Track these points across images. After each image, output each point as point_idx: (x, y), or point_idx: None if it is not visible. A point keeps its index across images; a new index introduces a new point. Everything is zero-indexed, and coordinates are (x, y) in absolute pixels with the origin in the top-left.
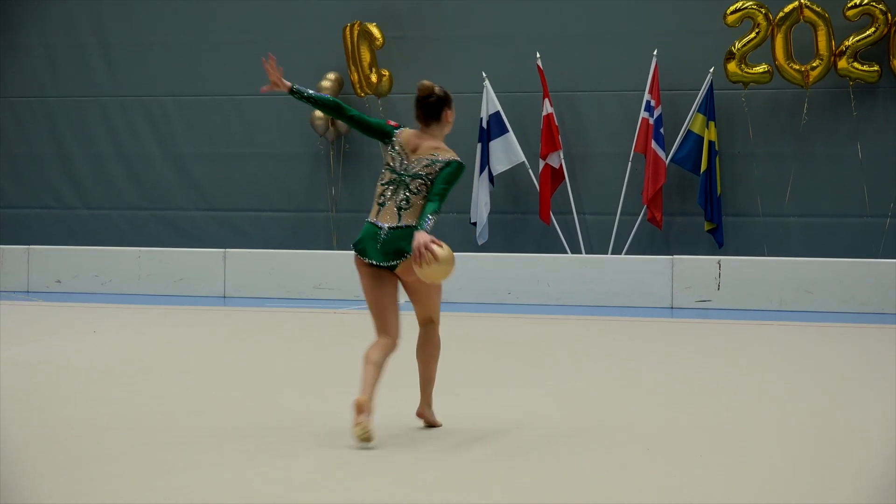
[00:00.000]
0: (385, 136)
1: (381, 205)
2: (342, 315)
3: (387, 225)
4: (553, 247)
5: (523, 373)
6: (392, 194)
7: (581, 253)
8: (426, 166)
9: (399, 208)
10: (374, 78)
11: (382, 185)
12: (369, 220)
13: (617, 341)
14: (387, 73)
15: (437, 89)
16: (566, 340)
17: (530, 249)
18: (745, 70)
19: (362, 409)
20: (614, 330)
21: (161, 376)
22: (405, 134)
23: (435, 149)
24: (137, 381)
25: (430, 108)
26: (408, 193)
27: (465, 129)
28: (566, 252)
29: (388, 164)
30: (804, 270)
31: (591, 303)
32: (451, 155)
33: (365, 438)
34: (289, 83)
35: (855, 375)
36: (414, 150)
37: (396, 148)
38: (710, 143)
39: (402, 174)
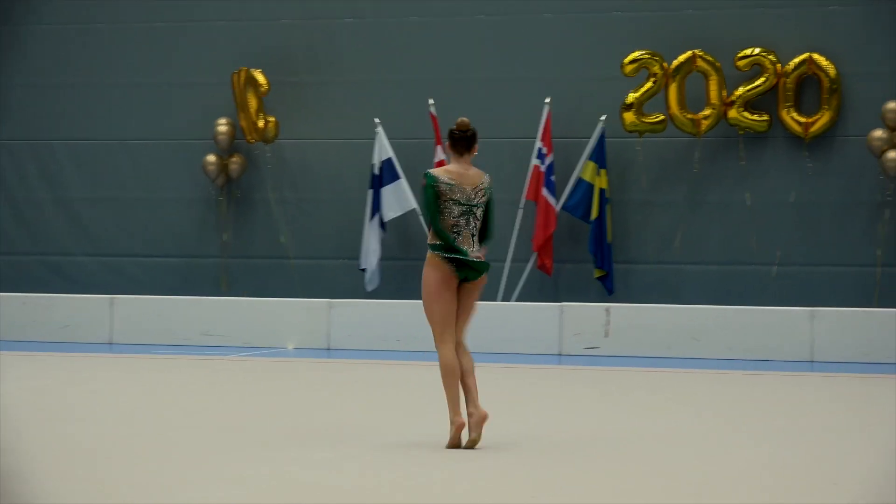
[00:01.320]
0: (435, 191)
1: (457, 234)
2: (230, 362)
3: (469, 249)
4: None
5: (398, 420)
6: (465, 224)
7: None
8: (482, 194)
9: (472, 234)
10: (260, 124)
11: (454, 218)
12: (451, 248)
13: (503, 387)
14: (272, 120)
15: (470, 124)
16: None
17: (420, 296)
18: (642, 119)
19: (462, 426)
20: (501, 376)
21: (36, 425)
22: (446, 172)
23: (478, 175)
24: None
25: (468, 141)
26: (476, 221)
27: (356, 174)
28: None
29: (453, 199)
30: (692, 317)
31: (481, 349)
32: (487, 176)
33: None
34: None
35: (739, 419)
36: (466, 182)
37: (451, 185)
38: (601, 191)
39: (471, 205)
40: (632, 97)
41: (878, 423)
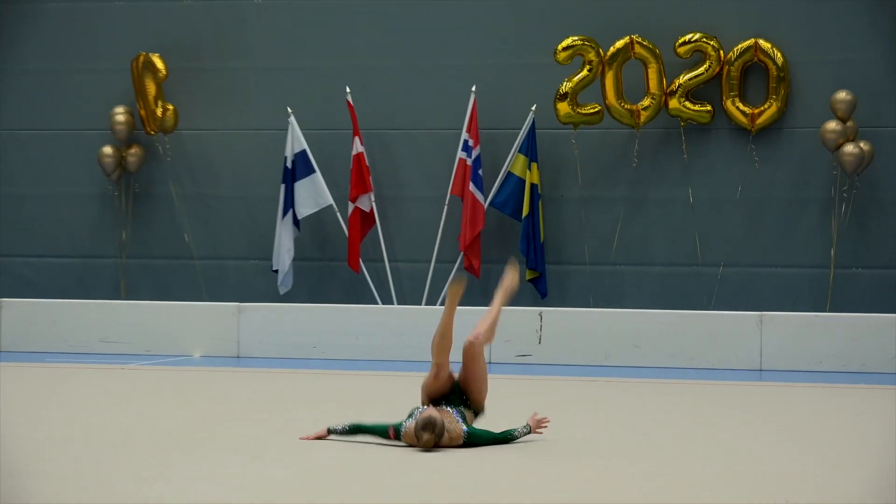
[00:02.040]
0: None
1: None
2: (130, 371)
3: None
4: (362, 297)
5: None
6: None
7: (393, 303)
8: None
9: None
10: (158, 112)
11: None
12: None
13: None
14: (171, 108)
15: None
16: (372, 398)
17: (337, 299)
18: (578, 110)
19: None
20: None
21: None
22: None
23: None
24: None
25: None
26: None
27: (267, 168)
28: (376, 302)
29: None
30: (632, 322)
31: (403, 357)
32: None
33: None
34: (324, 431)
35: (681, 432)
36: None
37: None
38: (533, 186)
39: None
40: (566, 86)
41: (828, 435)
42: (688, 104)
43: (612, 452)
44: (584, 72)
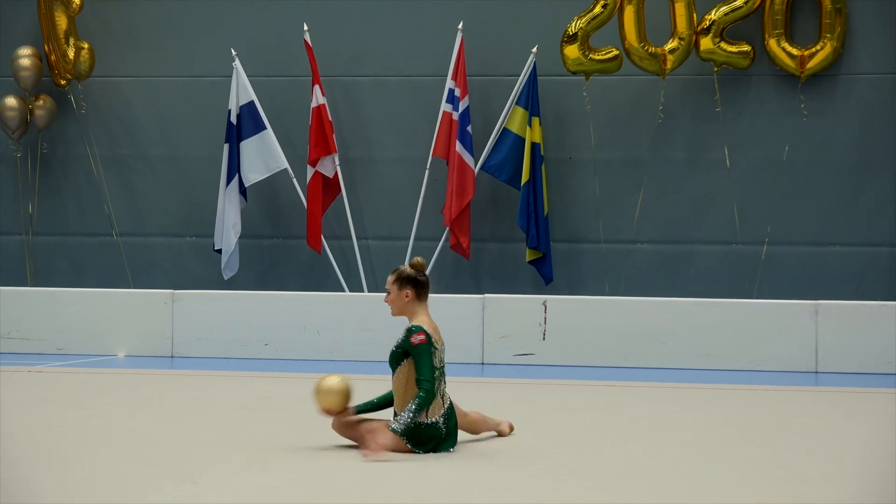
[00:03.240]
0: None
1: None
2: (37, 375)
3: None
4: (325, 282)
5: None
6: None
7: (363, 291)
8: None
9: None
10: (70, 53)
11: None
12: (451, 431)
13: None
14: (86, 47)
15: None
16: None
17: (295, 286)
18: (590, 56)
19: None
20: None
21: None
22: (432, 329)
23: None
24: None
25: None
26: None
27: (207, 124)
28: (343, 290)
29: (437, 368)
30: (656, 314)
31: (376, 357)
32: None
33: None
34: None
35: (718, 454)
36: (440, 340)
37: (436, 349)
38: (534, 146)
39: (443, 369)
40: (575, 25)
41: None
42: (723, 45)
43: (625, 478)
44: (598, 8)
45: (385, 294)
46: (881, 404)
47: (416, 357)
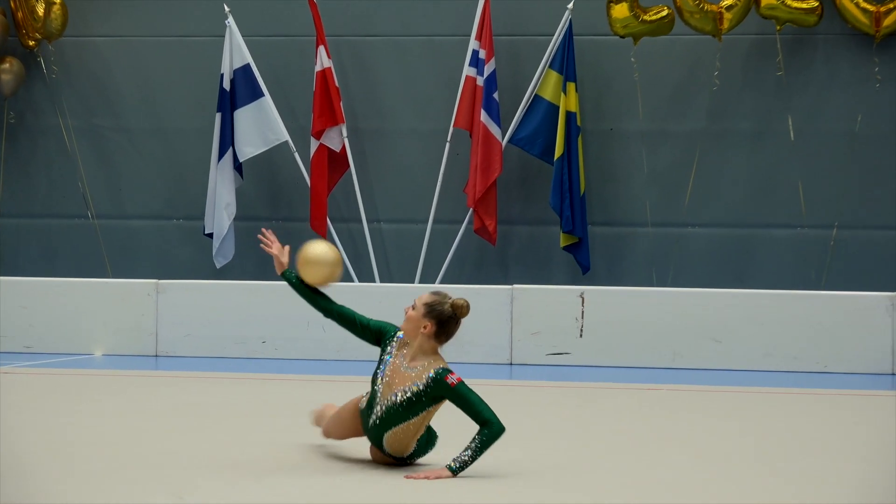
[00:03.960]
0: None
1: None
2: (1, 375)
3: None
4: None
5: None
6: None
7: (374, 281)
8: None
9: None
10: (40, 9)
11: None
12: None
13: None
14: (58, 2)
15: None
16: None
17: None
18: (643, 17)
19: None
20: None
21: None
22: None
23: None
24: None
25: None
26: None
27: (197, 90)
28: (352, 280)
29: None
30: (710, 307)
31: None
32: None
33: None
34: (285, 260)
35: (782, 471)
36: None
37: None
38: (569, 116)
39: None
40: None
41: None
42: (788, 0)
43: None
44: None
45: (410, 306)
46: None
47: (462, 400)
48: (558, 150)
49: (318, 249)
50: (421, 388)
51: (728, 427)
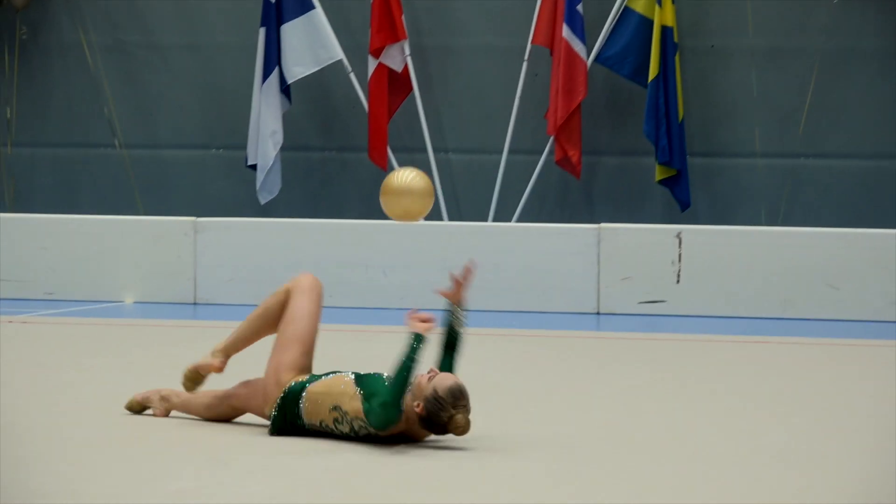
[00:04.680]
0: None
1: None
2: (20, 326)
3: None
4: None
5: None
6: None
7: (441, 219)
8: None
9: None
10: None
11: None
12: None
13: (494, 376)
14: None
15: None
16: None
17: (353, 213)
18: None
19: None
20: (490, 351)
21: None
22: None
23: None
24: None
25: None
26: None
27: (239, 1)
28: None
29: None
30: (827, 249)
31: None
32: None
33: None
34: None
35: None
36: None
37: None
38: (665, 31)
39: None
40: None
41: None
42: None
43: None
44: None
45: (428, 372)
46: None
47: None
48: (652, 71)
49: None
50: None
51: (848, 386)
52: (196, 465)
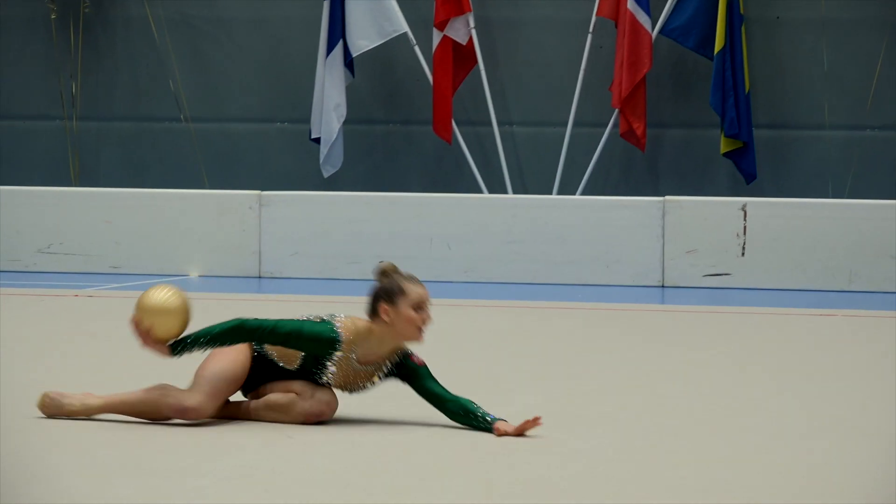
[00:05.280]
0: None
1: None
2: (85, 299)
3: None
4: (457, 182)
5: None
6: None
7: (506, 192)
8: None
9: None
10: None
11: None
12: None
13: (558, 350)
14: None
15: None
16: (472, 350)
17: (417, 186)
18: None
19: None
20: (554, 321)
21: None
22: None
23: None
24: None
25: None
26: None
27: None
28: (480, 191)
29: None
30: (893, 222)
31: (522, 278)
32: None
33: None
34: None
35: None
36: None
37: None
38: (731, 3)
39: None
40: None
41: None
42: None
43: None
44: None
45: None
46: None
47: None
48: (718, 42)
49: (158, 297)
50: (385, 373)
51: None
52: (262, 438)
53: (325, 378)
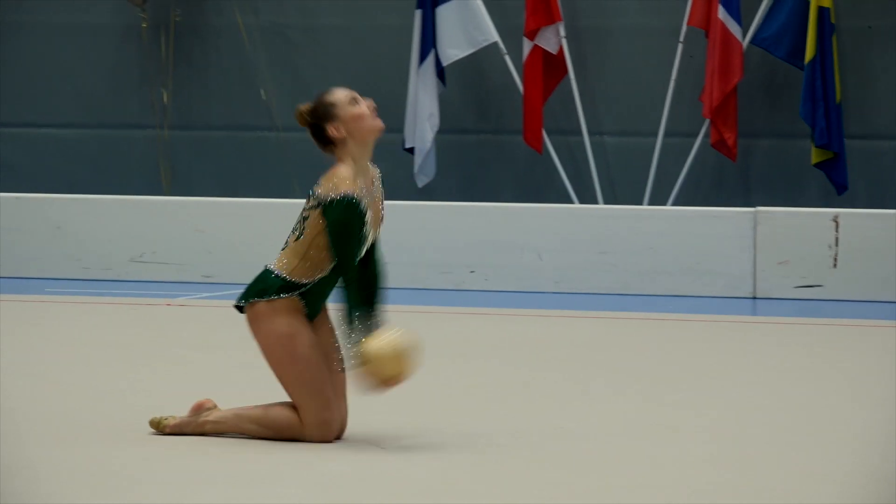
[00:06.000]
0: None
1: None
2: (178, 308)
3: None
4: (547, 191)
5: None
6: None
7: (597, 202)
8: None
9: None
10: None
11: None
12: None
13: (658, 358)
14: None
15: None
16: (568, 360)
17: (509, 196)
18: None
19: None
20: (653, 338)
21: None
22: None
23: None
24: None
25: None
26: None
27: None
28: (571, 201)
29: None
30: None
31: (613, 288)
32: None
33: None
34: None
35: None
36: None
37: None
38: (822, 12)
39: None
40: None
41: None
42: None
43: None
44: None
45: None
46: None
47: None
48: (809, 52)
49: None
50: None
51: None
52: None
53: (365, 229)
